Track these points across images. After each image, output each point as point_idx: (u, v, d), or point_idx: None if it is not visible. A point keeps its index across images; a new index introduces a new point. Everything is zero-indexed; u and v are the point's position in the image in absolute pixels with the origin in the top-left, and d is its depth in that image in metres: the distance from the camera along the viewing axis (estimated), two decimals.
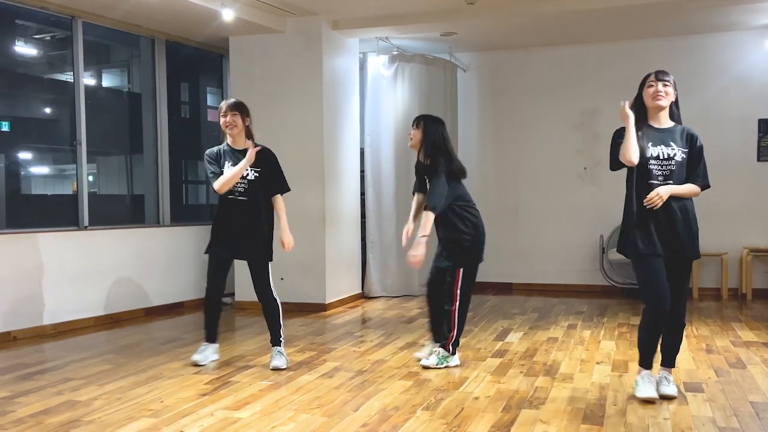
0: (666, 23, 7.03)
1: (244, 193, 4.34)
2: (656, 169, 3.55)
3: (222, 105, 4.42)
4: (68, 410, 3.54)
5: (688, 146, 3.58)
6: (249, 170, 4.33)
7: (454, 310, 4.33)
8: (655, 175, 3.55)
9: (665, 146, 3.56)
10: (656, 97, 3.55)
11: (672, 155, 3.55)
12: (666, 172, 3.55)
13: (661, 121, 3.62)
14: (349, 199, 7.27)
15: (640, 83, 3.66)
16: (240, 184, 4.33)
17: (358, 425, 3.26)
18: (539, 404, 3.57)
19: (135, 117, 7.16)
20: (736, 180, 7.42)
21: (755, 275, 7.36)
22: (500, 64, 8.25)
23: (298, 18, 6.71)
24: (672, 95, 3.59)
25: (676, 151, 3.55)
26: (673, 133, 3.60)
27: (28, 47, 6.54)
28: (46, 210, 6.41)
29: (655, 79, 3.58)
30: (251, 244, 4.35)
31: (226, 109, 4.36)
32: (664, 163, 3.55)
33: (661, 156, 3.55)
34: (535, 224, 8.16)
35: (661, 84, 3.55)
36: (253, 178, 4.34)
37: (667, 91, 3.56)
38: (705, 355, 4.64)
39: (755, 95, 7.38)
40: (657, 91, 3.55)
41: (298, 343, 5.22)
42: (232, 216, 4.36)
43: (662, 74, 3.59)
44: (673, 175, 3.54)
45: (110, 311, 6.21)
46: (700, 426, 3.21)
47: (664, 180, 3.55)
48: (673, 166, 3.54)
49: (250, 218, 4.34)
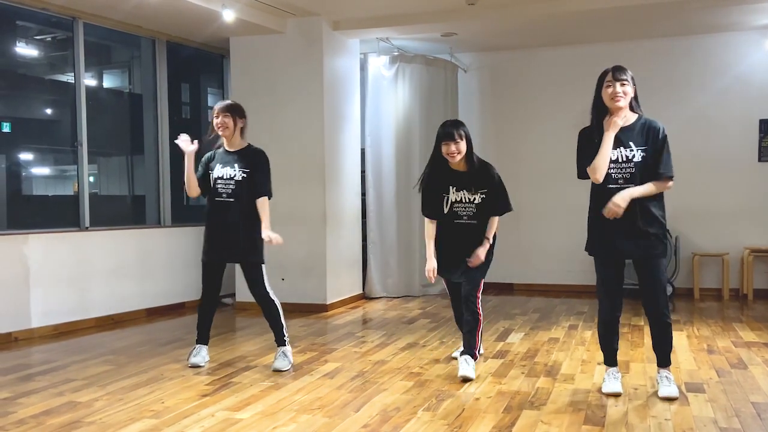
0: (666, 23, 7.03)
1: (231, 195, 4.27)
2: (615, 173, 3.55)
3: (215, 107, 4.37)
4: (69, 411, 3.54)
5: (647, 142, 3.53)
6: (237, 171, 4.27)
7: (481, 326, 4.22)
8: (615, 179, 3.55)
9: (624, 148, 3.54)
10: (615, 98, 3.53)
11: (630, 157, 3.53)
12: (626, 175, 3.53)
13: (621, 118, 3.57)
14: (350, 199, 7.27)
15: (598, 80, 3.63)
16: (228, 185, 4.27)
17: (359, 426, 3.26)
18: (540, 405, 3.57)
19: (136, 118, 7.16)
20: (737, 180, 7.41)
21: (756, 275, 7.35)
22: (501, 64, 8.25)
23: (299, 19, 6.71)
24: (630, 93, 3.56)
25: (635, 152, 3.53)
26: (632, 132, 3.55)
27: (29, 48, 6.54)
28: (47, 211, 6.41)
29: (612, 78, 3.54)
30: (239, 247, 4.28)
31: (218, 111, 4.31)
32: (622, 165, 3.53)
33: (619, 159, 3.54)
34: (536, 224, 8.16)
35: (619, 84, 3.52)
36: (240, 179, 4.26)
37: (625, 90, 3.53)
38: (706, 356, 4.64)
39: (756, 95, 7.37)
40: (615, 92, 3.53)
41: (299, 343, 5.22)
42: (220, 218, 4.30)
43: (619, 73, 3.54)
44: (633, 177, 3.52)
45: (111, 312, 6.21)
46: (702, 427, 3.20)
47: (624, 183, 3.52)
48: (633, 168, 3.52)
49: (237, 220, 4.26)
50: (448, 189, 4.16)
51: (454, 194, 4.15)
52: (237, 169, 4.27)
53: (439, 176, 4.20)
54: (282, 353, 4.38)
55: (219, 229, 4.31)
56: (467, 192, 4.14)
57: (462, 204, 4.16)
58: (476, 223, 4.16)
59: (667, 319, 3.64)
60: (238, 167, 4.27)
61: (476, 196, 4.13)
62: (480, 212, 4.15)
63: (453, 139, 4.06)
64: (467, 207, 4.15)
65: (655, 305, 3.62)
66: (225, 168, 4.31)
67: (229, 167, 4.29)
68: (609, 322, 3.76)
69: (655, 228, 3.55)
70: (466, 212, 4.15)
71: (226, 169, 4.30)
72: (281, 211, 6.83)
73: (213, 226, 4.34)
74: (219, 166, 4.32)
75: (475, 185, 4.14)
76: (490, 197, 4.16)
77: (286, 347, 4.41)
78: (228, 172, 4.29)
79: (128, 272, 6.41)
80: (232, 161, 4.30)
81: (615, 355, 3.82)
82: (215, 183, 4.32)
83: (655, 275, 3.60)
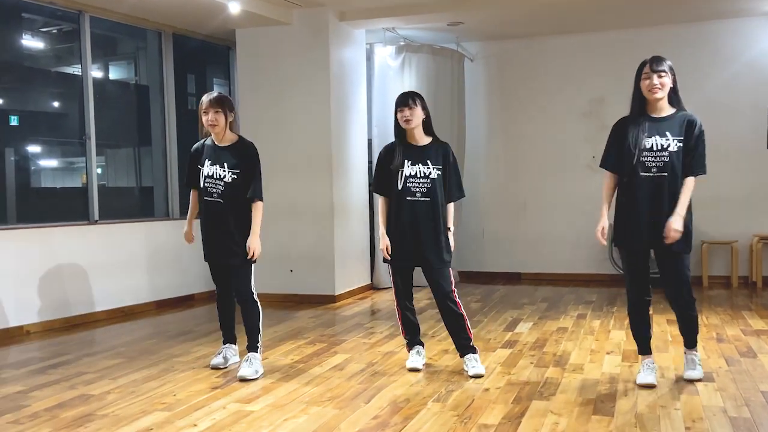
0: (675, 10, 6.97)
1: (220, 195, 4.07)
2: (649, 160, 3.56)
3: (203, 100, 4.09)
4: (82, 404, 3.58)
5: (685, 135, 3.55)
6: (226, 171, 4.05)
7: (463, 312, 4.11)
8: (648, 167, 3.56)
9: (660, 136, 3.55)
10: (652, 90, 3.54)
11: (666, 146, 3.53)
12: (659, 164, 3.54)
13: (660, 109, 3.61)
14: (357, 190, 7.27)
15: (637, 71, 3.62)
16: (216, 185, 4.07)
17: (369, 417, 3.28)
18: (550, 395, 3.58)
19: (143, 109, 7.17)
20: (746, 168, 7.38)
21: (765, 263, 7.32)
22: (507, 53, 8.21)
23: (305, 9, 6.69)
24: (668, 84, 3.56)
25: (670, 141, 3.53)
26: (670, 122, 3.57)
27: (35, 41, 6.55)
28: (56, 203, 6.45)
29: (650, 70, 3.54)
30: (230, 249, 4.09)
31: (207, 106, 4.05)
32: (657, 154, 3.54)
33: (654, 147, 3.55)
34: (544, 214, 8.15)
35: (656, 76, 3.52)
36: (230, 180, 4.05)
37: (662, 82, 3.53)
38: (716, 344, 4.64)
39: (765, 82, 7.31)
40: (653, 85, 3.53)
41: (308, 335, 5.24)
42: (212, 219, 4.13)
43: (657, 64, 3.53)
44: (666, 166, 3.53)
45: (121, 305, 6.25)
46: (711, 416, 3.21)
47: (657, 171, 3.54)
48: (667, 157, 3.53)
49: (226, 222, 4.07)
50: (403, 163, 4.01)
51: (409, 168, 4.00)
52: (226, 170, 4.06)
53: (395, 150, 4.09)
54: (250, 360, 4.07)
55: (211, 230, 4.15)
56: (422, 166, 4.00)
57: (416, 179, 4.00)
58: (429, 201, 3.99)
59: (693, 312, 3.68)
60: (228, 167, 4.06)
61: (432, 170, 3.99)
62: (434, 189, 3.99)
63: (407, 105, 3.99)
64: (421, 182, 3.98)
65: (679, 298, 3.65)
66: (214, 167, 4.09)
67: (218, 166, 4.08)
68: (638, 309, 3.75)
69: (687, 225, 3.56)
70: (419, 188, 3.99)
71: (215, 167, 4.09)
72: (288, 203, 6.86)
73: (206, 226, 4.20)
74: (208, 162, 4.12)
75: (431, 159, 4.02)
76: (445, 175, 4.05)
77: (257, 354, 4.12)
78: (217, 172, 4.08)
79: (138, 265, 6.44)
80: (221, 159, 4.09)
81: (648, 343, 3.80)
82: (205, 181, 4.11)
83: (678, 269, 3.62)
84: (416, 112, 4.01)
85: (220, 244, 4.12)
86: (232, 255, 4.10)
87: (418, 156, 4.04)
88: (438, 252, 4.00)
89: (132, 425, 3.24)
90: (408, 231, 4.02)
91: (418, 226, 4.00)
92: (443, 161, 4.06)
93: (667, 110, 3.61)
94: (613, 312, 5.93)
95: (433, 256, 4.00)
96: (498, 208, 8.29)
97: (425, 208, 4.00)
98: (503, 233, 8.27)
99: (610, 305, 6.28)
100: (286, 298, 6.76)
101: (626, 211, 3.65)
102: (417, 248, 4.01)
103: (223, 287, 4.30)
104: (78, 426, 3.24)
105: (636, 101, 3.64)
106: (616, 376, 3.91)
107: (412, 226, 4.00)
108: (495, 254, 8.33)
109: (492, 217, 8.29)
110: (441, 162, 4.05)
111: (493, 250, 8.33)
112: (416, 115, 4.01)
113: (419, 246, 4.01)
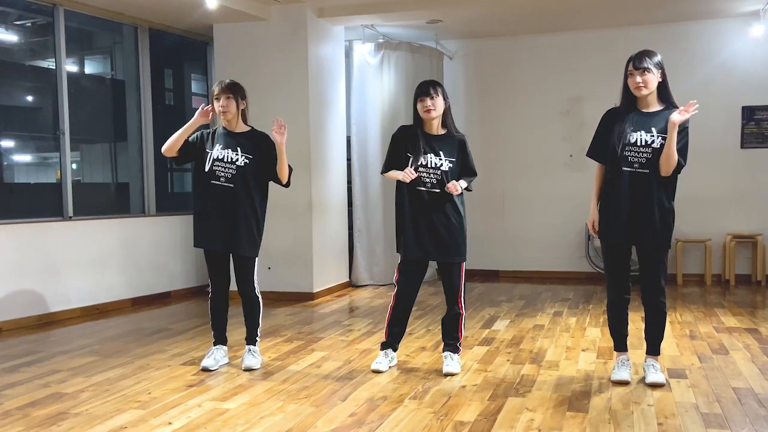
0: (651, 10, 7.04)
1: (231, 179, 3.97)
2: (632, 156, 3.55)
3: (215, 87, 4.05)
4: (55, 402, 3.53)
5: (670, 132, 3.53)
6: (240, 155, 3.97)
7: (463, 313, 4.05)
8: (630, 162, 3.55)
9: (645, 132, 3.54)
10: (636, 87, 3.54)
11: (650, 142, 3.53)
12: (642, 160, 3.54)
13: (648, 104, 3.60)
14: (336, 187, 7.26)
15: (625, 65, 3.61)
16: (228, 169, 3.96)
17: (346, 415, 3.28)
18: (525, 392, 3.60)
19: (119, 104, 7.09)
20: (720, 167, 7.49)
21: (738, 261, 7.44)
22: (486, 51, 8.24)
23: (283, 6, 6.65)
24: (653, 80, 3.53)
25: (655, 138, 3.53)
26: (658, 118, 3.56)
27: (8, 34, 6.44)
28: (30, 199, 6.34)
29: (633, 68, 3.54)
30: (236, 238, 4.00)
31: (219, 92, 3.99)
32: (641, 150, 3.53)
33: (638, 143, 3.54)
34: (522, 212, 8.20)
35: (639, 74, 3.52)
36: (242, 164, 3.97)
37: (645, 80, 3.51)
38: (688, 341, 4.70)
39: (739, 82, 7.43)
40: (635, 83, 3.53)
41: (285, 332, 5.22)
42: (216, 203, 3.98)
43: (640, 61, 3.51)
44: (649, 162, 3.53)
45: (96, 302, 6.18)
46: (684, 412, 3.25)
47: (639, 167, 3.54)
48: (650, 153, 3.53)
49: (235, 208, 3.98)
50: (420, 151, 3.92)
51: (422, 157, 3.91)
52: (240, 153, 3.98)
53: (412, 135, 3.97)
54: (251, 352, 4.18)
55: (215, 216, 3.99)
56: (434, 156, 3.91)
57: (427, 169, 3.91)
58: (439, 193, 3.91)
59: (664, 308, 3.69)
60: (241, 151, 3.98)
61: (444, 162, 3.91)
62: (444, 181, 3.90)
63: (428, 94, 3.87)
64: (432, 173, 3.90)
65: (653, 292, 3.65)
66: (226, 150, 3.99)
67: (231, 150, 3.98)
68: (617, 305, 3.76)
69: (667, 222, 3.58)
70: (430, 179, 3.90)
71: (227, 151, 3.98)
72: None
73: (208, 211, 4.01)
74: (219, 146, 3.99)
75: (444, 150, 3.93)
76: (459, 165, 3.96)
77: (256, 347, 4.22)
78: (229, 155, 3.98)
79: (113, 262, 6.37)
80: (234, 144, 4.00)
81: (624, 341, 3.82)
82: (213, 164, 3.98)
83: (658, 264, 3.63)
84: (438, 102, 3.89)
85: (226, 231, 4.00)
86: (238, 243, 4.01)
87: (432, 146, 3.93)
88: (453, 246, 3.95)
89: (106, 424, 3.20)
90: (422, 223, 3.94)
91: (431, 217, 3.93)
92: (459, 153, 3.96)
93: (656, 106, 3.60)
94: (589, 309, 5.98)
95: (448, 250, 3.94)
96: (476, 206, 8.29)
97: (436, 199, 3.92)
98: (481, 231, 8.29)
99: (586, 303, 6.34)
100: (263, 295, 6.62)
101: (608, 205, 3.66)
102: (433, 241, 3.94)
103: (220, 282, 4.16)
104: (51, 425, 3.20)
105: (624, 96, 3.63)
106: (591, 373, 3.95)
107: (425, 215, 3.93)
108: (473, 252, 8.23)
109: (470, 215, 8.19)
110: (456, 154, 3.95)
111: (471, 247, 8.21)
112: (438, 105, 3.89)
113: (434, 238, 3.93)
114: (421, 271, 4.07)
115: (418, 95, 3.93)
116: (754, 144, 7.48)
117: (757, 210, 7.46)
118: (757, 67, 7.39)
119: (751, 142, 7.48)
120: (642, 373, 3.80)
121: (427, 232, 3.94)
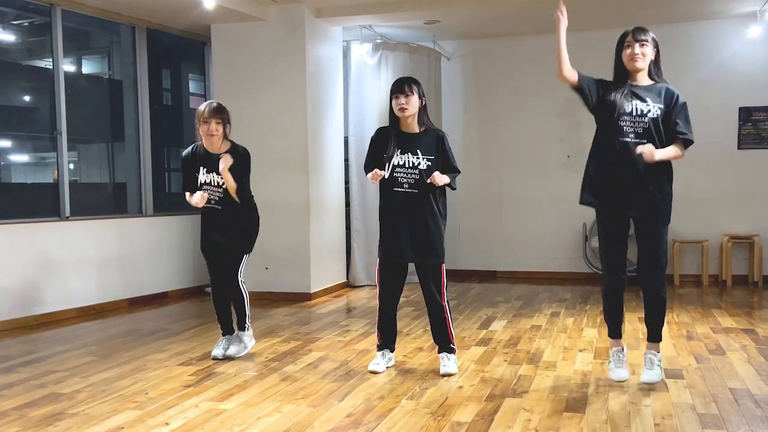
0: (649, 12, 7.05)
1: (219, 202, 4.28)
2: (628, 125, 3.46)
3: (203, 110, 4.17)
4: (52, 403, 3.52)
5: (665, 103, 3.49)
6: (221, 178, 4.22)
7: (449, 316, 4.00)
8: (626, 132, 3.46)
9: (640, 101, 3.47)
10: (633, 58, 3.48)
11: (645, 111, 3.46)
12: (638, 130, 3.45)
13: (639, 80, 3.55)
14: (334, 188, 7.25)
15: (618, 41, 3.56)
16: (215, 193, 4.26)
17: (343, 415, 3.28)
18: (522, 393, 3.60)
19: (116, 104, 7.08)
20: (717, 168, 7.50)
21: (735, 262, 7.45)
22: (484, 52, 8.25)
23: (281, 6, 6.65)
24: (650, 55, 3.50)
25: (651, 107, 3.46)
26: (650, 90, 3.51)
27: (6, 33, 6.43)
28: (27, 199, 6.34)
29: (632, 39, 3.48)
30: (226, 248, 4.35)
31: (209, 115, 4.15)
32: (636, 119, 3.46)
33: (633, 112, 3.46)
34: (519, 212, 8.20)
35: (638, 45, 3.46)
36: (225, 186, 4.24)
37: (644, 51, 3.47)
38: (685, 342, 4.71)
39: (736, 84, 7.44)
40: (633, 53, 3.47)
41: (282, 333, 5.22)
42: (210, 220, 4.36)
43: (639, 33, 3.47)
44: (645, 133, 3.44)
45: (93, 302, 6.17)
46: (680, 413, 3.25)
47: (635, 138, 3.45)
48: (646, 123, 3.45)
49: (225, 224, 4.30)
50: (393, 150, 3.86)
51: (398, 157, 3.84)
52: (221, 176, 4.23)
53: (387, 136, 3.91)
54: (239, 337, 4.46)
55: (212, 231, 4.36)
56: (412, 155, 3.84)
57: (404, 169, 3.84)
58: (417, 194, 3.84)
59: (663, 293, 3.60)
60: None
61: (422, 160, 3.83)
62: (422, 181, 3.83)
63: (402, 92, 3.81)
64: (409, 173, 3.83)
65: (652, 275, 3.55)
66: (210, 174, 4.24)
67: (215, 173, 4.23)
68: (613, 289, 3.65)
69: (663, 194, 3.50)
70: (407, 179, 3.83)
71: (211, 175, 4.24)
72: (264, 200, 6.74)
73: (206, 226, 4.40)
74: (203, 170, 4.25)
75: (422, 149, 3.85)
76: (438, 162, 3.87)
77: (245, 332, 4.47)
78: (214, 179, 4.24)
79: (110, 262, 6.36)
80: (216, 166, 4.19)
81: (619, 327, 3.74)
82: (202, 188, 4.25)
83: (656, 242, 3.52)
84: (412, 100, 3.83)
85: (221, 243, 4.34)
86: (229, 251, 4.36)
87: (408, 145, 3.87)
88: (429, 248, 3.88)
89: (102, 424, 3.20)
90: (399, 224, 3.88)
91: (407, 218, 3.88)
92: (437, 150, 3.88)
93: (647, 81, 3.55)
94: (586, 310, 5.99)
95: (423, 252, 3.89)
96: (474, 206, 8.32)
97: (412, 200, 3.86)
98: (479, 231, 8.31)
99: (584, 303, 6.34)
100: (261, 295, 6.72)
101: (604, 174, 3.53)
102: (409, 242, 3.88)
103: (219, 283, 4.44)
104: (47, 425, 3.19)
105: (617, 72, 3.58)
106: (588, 374, 3.95)
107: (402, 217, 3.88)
108: (470, 252, 8.37)
109: (468, 215, 8.32)
110: (435, 151, 3.88)
111: (468, 248, 8.36)
112: (412, 104, 3.83)
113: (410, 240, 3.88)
114: (400, 273, 4.01)
115: (392, 92, 3.88)
116: (751, 145, 7.49)
117: (754, 211, 7.47)
118: (754, 68, 7.40)
119: (748, 143, 7.49)
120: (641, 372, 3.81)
121: (403, 233, 3.89)
